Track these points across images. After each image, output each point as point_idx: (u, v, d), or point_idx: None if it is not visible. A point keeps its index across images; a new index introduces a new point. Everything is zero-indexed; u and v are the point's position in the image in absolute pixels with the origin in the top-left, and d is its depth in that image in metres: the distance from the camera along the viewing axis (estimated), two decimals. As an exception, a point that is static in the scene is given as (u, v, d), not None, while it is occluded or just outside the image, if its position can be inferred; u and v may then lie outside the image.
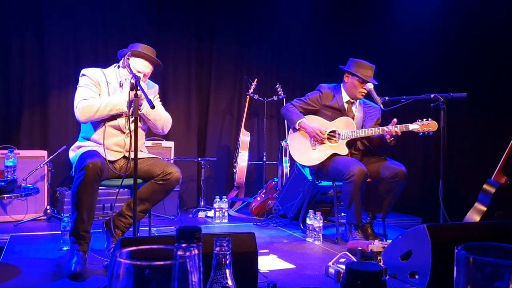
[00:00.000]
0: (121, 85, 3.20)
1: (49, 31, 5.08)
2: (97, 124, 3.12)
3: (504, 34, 4.75)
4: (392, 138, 3.75)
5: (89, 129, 3.18)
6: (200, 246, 0.67)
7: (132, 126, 3.12)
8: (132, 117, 2.99)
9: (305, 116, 4.02)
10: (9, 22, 4.92)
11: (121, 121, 3.15)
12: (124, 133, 3.17)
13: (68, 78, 5.07)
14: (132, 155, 2.89)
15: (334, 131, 3.94)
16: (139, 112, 3.10)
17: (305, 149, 3.99)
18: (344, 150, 3.88)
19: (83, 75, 3.16)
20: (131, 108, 3.01)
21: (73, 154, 3.15)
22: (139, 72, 3.14)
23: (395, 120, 3.69)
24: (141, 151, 3.23)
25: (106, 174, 3.02)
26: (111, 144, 3.14)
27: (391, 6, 6.11)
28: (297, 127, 3.98)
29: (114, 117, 3.12)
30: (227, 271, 0.95)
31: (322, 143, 3.91)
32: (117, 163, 3.18)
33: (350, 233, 3.74)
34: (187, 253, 0.64)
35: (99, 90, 3.15)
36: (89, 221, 2.88)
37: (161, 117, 3.27)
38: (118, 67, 3.28)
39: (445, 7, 5.49)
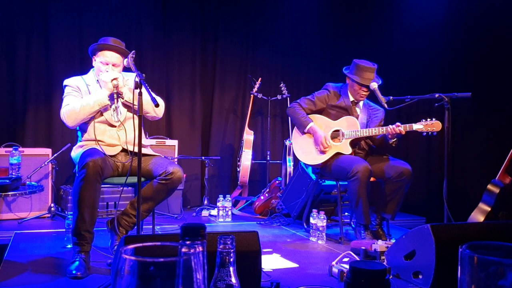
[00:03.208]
0: (98, 82, 3.26)
1: (55, 31, 5.09)
2: (85, 125, 3.17)
3: (509, 34, 4.74)
4: (394, 139, 3.75)
5: (81, 132, 3.24)
6: (205, 243, 0.67)
7: (121, 117, 3.22)
8: (119, 108, 3.14)
9: (310, 115, 4.03)
10: (15, 22, 4.94)
11: (107, 115, 3.19)
12: (114, 126, 3.20)
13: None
14: (131, 148, 2.99)
15: (338, 130, 3.94)
16: (122, 101, 3.18)
17: (308, 148, 4.00)
18: (348, 150, 3.88)
19: (65, 86, 3.25)
20: (115, 100, 3.13)
21: (75, 153, 3.17)
22: (107, 64, 3.20)
23: (398, 124, 3.70)
24: (143, 146, 3.24)
25: (108, 171, 3.03)
26: (106, 139, 3.17)
27: (396, 6, 6.10)
28: (305, 131, 3.99)
29: (99, 113, 3.15)
30: (231, 269, 0.95)
31: (323, 152, 3.91)
32: (117, 157, 3.19)
33: (359, 234, 3.74)
34: (192, 250, 0.65)
35: (81, 94, 3.21)
36: (91, 221, 2.87)
37: (148, 100, 2.99)
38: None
39: (450, 7, 5.48)
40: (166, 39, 5.60)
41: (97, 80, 3.26)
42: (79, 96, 3.19)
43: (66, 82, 3.26)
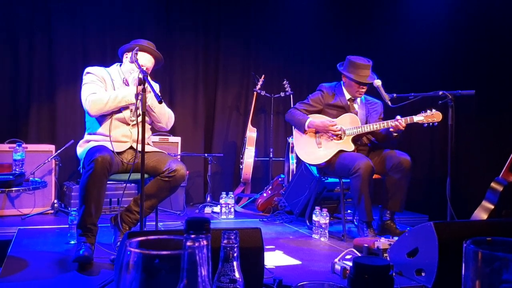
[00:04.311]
0: (124, 82, 3.28)
1: (57, 29, 5.10)
2: (102, 118, 3.17)
3: (510, 33, 4.71)
4: (396, 133, 3.77)
5: (94, 124, 3.22)
6: (209, 237, 0.68)
7: (139, 118, 3.17)
8: (139, 109, 3.06)
9: (309, 115, 4.03)
10: (18, 19, 4.95)
11: (126, 113, 3.20)
12: (129, 124, 3.22)
13: (76, 74, 5.08)
14: (138, 147, 2.94)
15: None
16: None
17: (311, 148, 4.00)
18: (350, 146, 3.89)
19: (88, 73, 3.23)
20: (139, 100, 3.07)
21: (81, 149, 3.17)
22: (142, 66, 3.17)
23: (398, 117, 3.71)
24: (148, 144, 3.25)
25: (115, 168, 3.04)
26: (118, 135, 3.18)
27: (397, 4, 6.08)
28: (306, 128, 3.99)
29: (119, 109, 3.17)
30: (235, 263, 0.95)
31: (337, 136, 3.89)
32: (125, 154, 3.20)
33: (362, 231, 3.74)
34: (196, 244, 0.65)
35: (105, 85, 3.21)
36: (96, 214, 2.90)
37: (165, 112, 3.30)
38: (120, 65, 3.36)
39: (451, 6, 5.46)
40: (169, 37, 5.60)
41: (123, 78, 3.27)
42: (103, 87, 3.19)
43: (89, 69, 3.24)
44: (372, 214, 3.73)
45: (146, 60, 3.24)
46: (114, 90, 3.19)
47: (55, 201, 4.56)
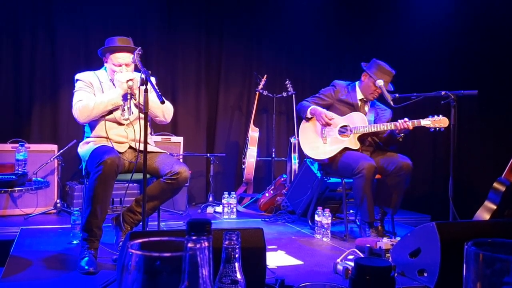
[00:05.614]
0: (112, 82, 3.25)
1: (60, 28, 5.11)
2: (95, 121, 3.17)
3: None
4: (402, 135, 3.77)
5: (90, 128, 3.24)
6: (210, 239, 0.68)
7: (133, 116, 3.19)
8: (129, 109, 3.10)
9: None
10: (21, 19, 4.96)
11: (116, 114, 3.18)
12: (122, 124, 3.21)
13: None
14: (138, 146, 2.96)
15: (345, 126, 3.95)
16: (134, 102, 3.13)
17: (316, 142, 4.00)
18: (356, 145, 3.89)
19: (77, 80, 3.25)
20: (128, 100, 3.09)
21: (83, 150, 3.16)
22: (120, 65, 3.18)
23: (406, 119, 3.72)
24: (149, 144, 3.24)
25: (121, 168, 3.04)
26: (114, 136, 3.18)
27: (402, 3, 6.08)
28: (309, 115, 4.01)
29: (109, 111, 3.16)
30: (236, 264, 0.96)
31: (328, 124, 3.91)
32: (125, 154, 3.19)
33: (364, 231, 3.74)
34: (198, 245, 0.65)
35: (93, 90, 3.21)
36: (102, 217, 2.89)
37: (159, 105, 3.09)
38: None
39: (456, 4, 5.45)
40: (171, 36, 5.61)
41: (111, 79, 3.26)
42: (92, 92, 3.19)
43: (78, 76, 3.25)
44: (374, 215, 3.75)
45: (124, 57, 3.21)
46: (102, 93, 3.19)
47: (58, 201, 4.57)
